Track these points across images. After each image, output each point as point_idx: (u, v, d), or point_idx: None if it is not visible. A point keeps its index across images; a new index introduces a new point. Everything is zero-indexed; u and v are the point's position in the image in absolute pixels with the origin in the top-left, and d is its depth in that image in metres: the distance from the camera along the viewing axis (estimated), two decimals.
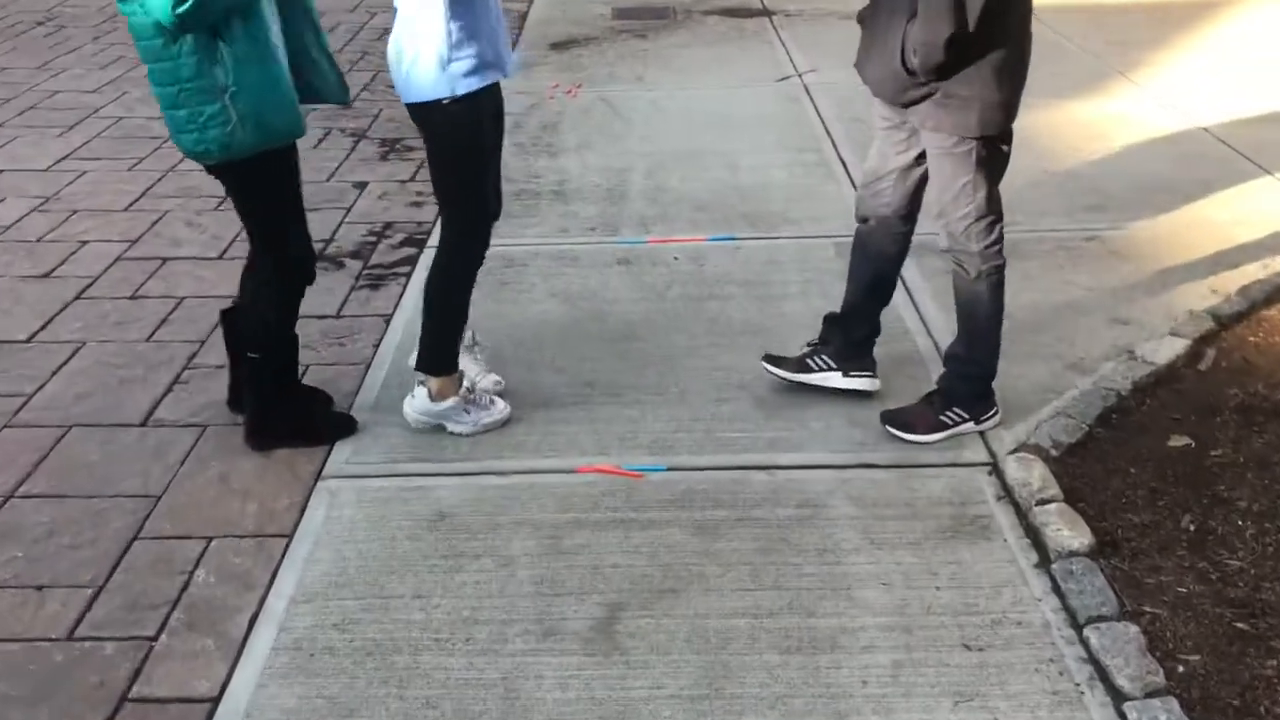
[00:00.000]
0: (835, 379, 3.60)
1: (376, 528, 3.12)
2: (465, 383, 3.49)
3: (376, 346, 4.07)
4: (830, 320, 3.69)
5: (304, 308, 3.46)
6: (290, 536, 3.12)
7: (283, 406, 3.50)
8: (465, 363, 3.57)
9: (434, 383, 3.46)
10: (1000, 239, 3.28)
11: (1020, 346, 3.91)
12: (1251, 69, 6.75)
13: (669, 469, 3.34)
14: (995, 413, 3.49)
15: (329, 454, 3.45)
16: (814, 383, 3.61)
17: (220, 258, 4.76)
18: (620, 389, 3.77)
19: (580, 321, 4.23)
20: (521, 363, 3.94)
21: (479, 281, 3.51)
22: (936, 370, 3.80)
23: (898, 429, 3.46)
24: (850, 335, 3.62)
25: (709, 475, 3.30)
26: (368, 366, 3.94)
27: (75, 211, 5.22)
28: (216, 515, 3.21)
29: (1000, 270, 3.32)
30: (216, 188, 3.99)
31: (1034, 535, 3.01)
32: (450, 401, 3.45)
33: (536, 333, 4.15)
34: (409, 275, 4.64)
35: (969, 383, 3.45)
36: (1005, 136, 3.15)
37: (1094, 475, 3.25)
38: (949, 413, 3.44)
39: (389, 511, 3.18)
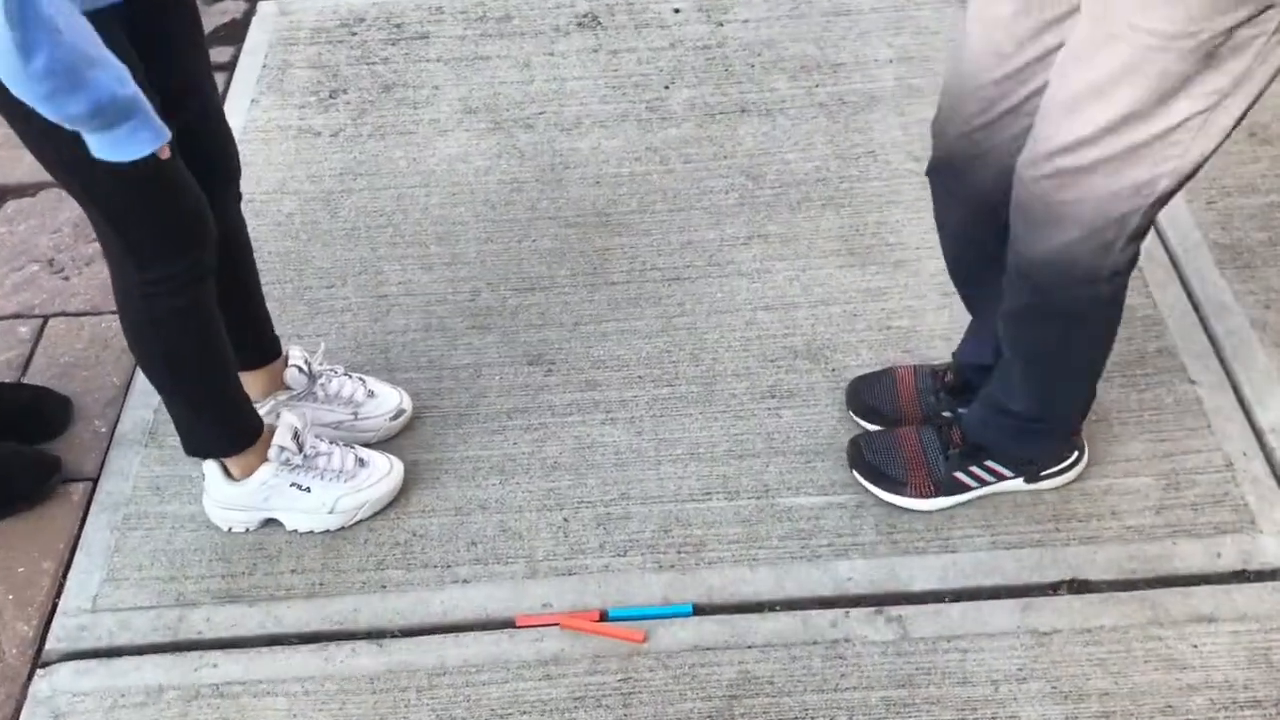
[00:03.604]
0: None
1: None
2: (286, 428, 1.81)
3: None
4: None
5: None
6: None
7: None
8: (299, 416, 1.85)
9: (229, 460, 1.79)
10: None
11: None
12: None
13: (695, 610, 1.76)
14: (1075, 460, 1.83)
15: (59, 589, 1.85)
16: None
17: None
18: (594, 368, 2.08)
19: (520, 185, 2.43)
20: (418, 304, 2.21)
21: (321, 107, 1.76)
22: (1187, 334, 2.08)
23: (875, 483, 1.84)
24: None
25: (774, 627, 1.72)
26: None
27: None
28: None
29: (1125, 281, 1.52)
30: None
31: None
32: (263, 476, 1.79)
33: (443, 218, 2.37)
34: (229, 79, 2.74)
35: (1025, 440, 1.77)
36: None
37: None
38: (976, 468, 1.79)
39: None
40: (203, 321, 1.57)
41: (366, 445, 1.91)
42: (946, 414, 1.84)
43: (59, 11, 1.12)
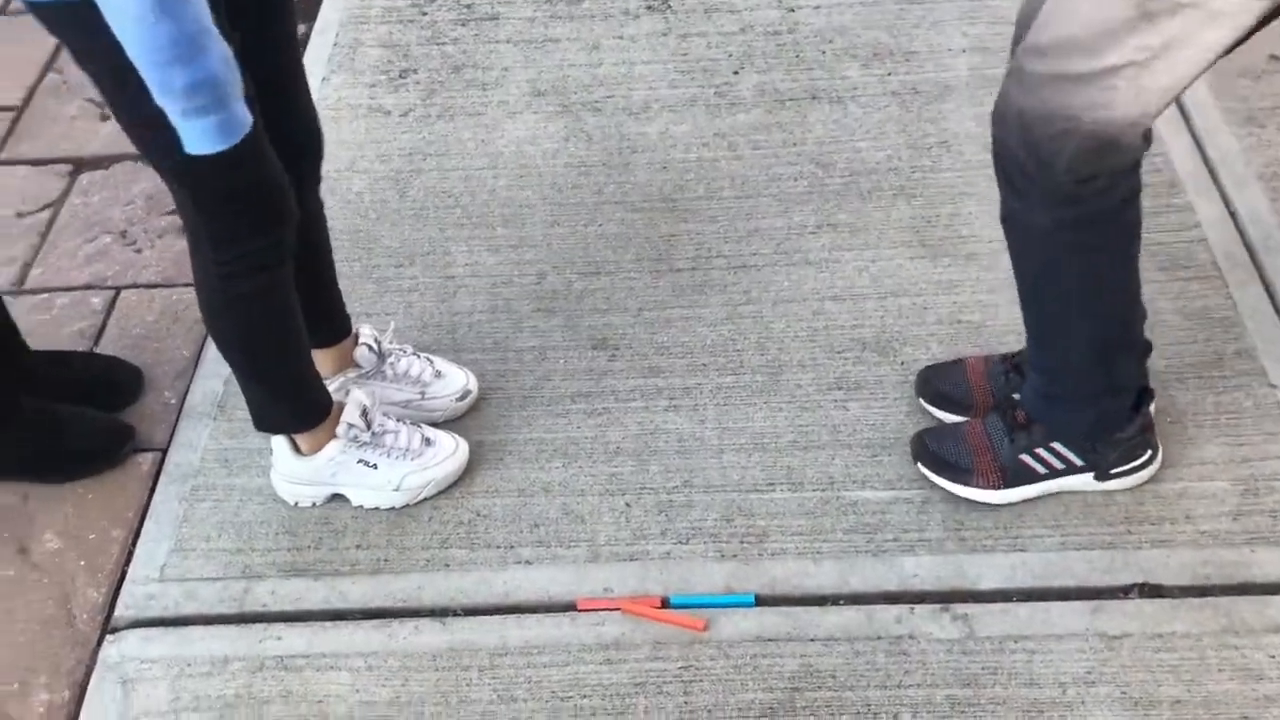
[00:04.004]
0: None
1: None
2: (355, 405, 1.82)
3: None
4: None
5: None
6: None
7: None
8: (368, 394, 1.86)
9: (298, 435, 1.80)
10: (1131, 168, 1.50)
11: None
12: None
13: (757, 601, 1.75)
14: (1148, 460, 1.78)
15: (128, 557, 1.88)
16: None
17: None
18: (658, 355, 2.07)
19: (588, 169, 2.42)
20: (484, 286, 2.22)
21: (391, 86, 1.75)
22: (1268, 336, 2.03)
23: (939, 473, 1.81)
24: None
25: (837, 621, 1.71)
26: None
27: None
28: None
29: (1113, 216, 1.53)
30: None
31: None
32: (331, 452, 1.80)
33: (511, 200, 2.37)
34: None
35: (1064, 408, 1.73)
36: None
37: None
38: (1042, 451, 1.75)
39: None
40: (279, 303, 1.59)
41: (433, 425, 1.92)
42: (1015, 396, 1.81)
43: None
